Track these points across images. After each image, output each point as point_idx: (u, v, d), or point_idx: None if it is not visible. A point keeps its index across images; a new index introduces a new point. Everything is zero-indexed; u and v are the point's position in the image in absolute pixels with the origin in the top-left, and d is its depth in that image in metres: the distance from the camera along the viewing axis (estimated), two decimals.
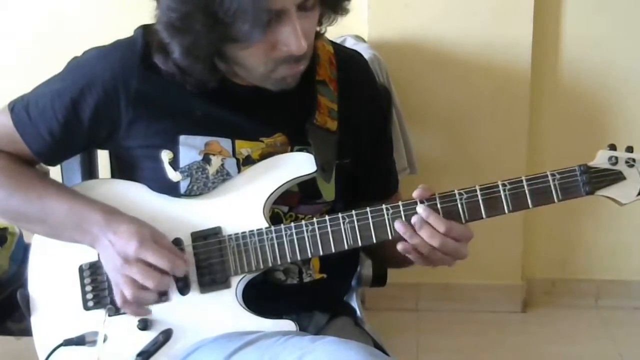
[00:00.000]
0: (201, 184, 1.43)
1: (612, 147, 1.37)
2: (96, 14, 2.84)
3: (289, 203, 1.47)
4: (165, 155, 1.43)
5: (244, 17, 1.23)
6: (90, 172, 1.70)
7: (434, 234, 1.33)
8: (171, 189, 1.43)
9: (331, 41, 1.55)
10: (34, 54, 2.86)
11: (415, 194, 1.35)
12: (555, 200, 1.35)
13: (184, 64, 1.33)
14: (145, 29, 1.42)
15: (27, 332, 1.53)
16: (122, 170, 1.52)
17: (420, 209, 1.34)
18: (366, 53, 2.48)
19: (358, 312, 1.67)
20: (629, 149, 1.36)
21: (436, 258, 1.37)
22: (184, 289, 1.40)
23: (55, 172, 1.60)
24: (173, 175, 1.43)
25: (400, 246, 1.35)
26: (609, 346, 2.84)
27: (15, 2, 2.90)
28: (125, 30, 1.47)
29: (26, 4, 2.88)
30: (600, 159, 1.36)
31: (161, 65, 1.37)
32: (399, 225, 1.34)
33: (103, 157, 1.68)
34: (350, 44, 2.66)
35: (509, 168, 2.77)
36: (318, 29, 1.43)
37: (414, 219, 1.33)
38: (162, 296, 1.39)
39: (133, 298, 1.35)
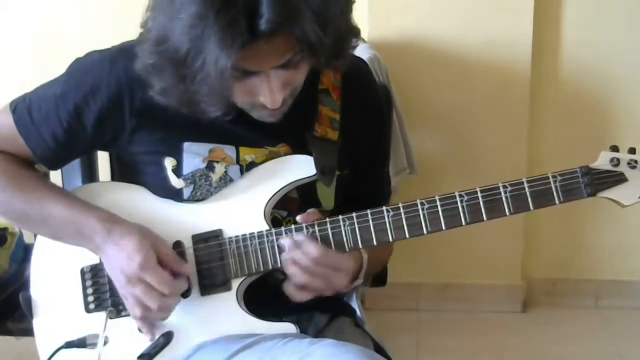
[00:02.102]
0: (204, 190, 1.42)
1: (614, 149, 1.36)
2: (96, 14, 2.84)
3: (288, 209, 1.47)
4: (169, 163, 1.43)
5: (208, 89, 1.23)
6: (90, 174, 1.70)
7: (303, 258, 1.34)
8: (174, 196, 1.43)
9: None
10: (34, 54, 2.86)
11: (299, 218, 1.37)
12: (557, 202, 1.35)
13: (161, 101, 1.32)
14: None
15: (27, 332, 1.53)
16: (124, 174, 1.52)
17: (298, 235, 1.36)
18: (366, 53, 2.48)
19: (358, 313, 1.66)
20: (632, 151, 1.36)
21: (315, 284, 1.36)
22: (185, 292, 1.39)
23: (55, 173, 1.60)
24: (176, 182, 1.43)
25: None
26: (609, 346, 2.84)
27: (15, 3, 2.89)
28: (126, 30, 1.46)
29: (26, 4, 2.88)
30: (602, 161, 1.35)
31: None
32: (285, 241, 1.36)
33: (103, 159, 1.68)
34: None
35: (509, 168, 2.78)
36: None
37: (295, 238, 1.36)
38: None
39: (142, 317, 1.36)
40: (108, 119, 1.41)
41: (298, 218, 1.37)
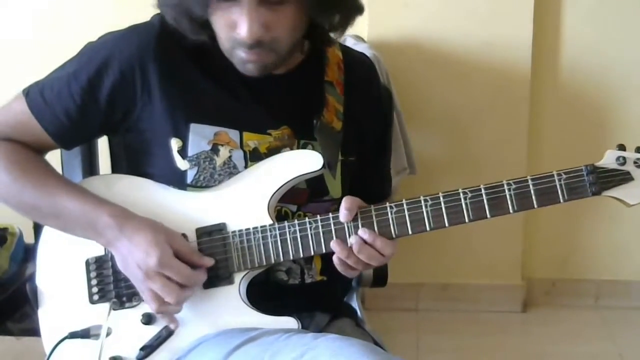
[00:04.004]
0: (207, 174, 1.43)
1: (621, 147, 1.36)
2: (97, 14, 2.84)
3: (298, 201, 1.47)
4: (175, 144, 1.43)
5: None
6: (90, 169, 1.70)
7: (373, 255, 1.36)
8: (178, 178, 1.44)
9: (340, 44, 1.56)
10: (34, 53, 2.85)
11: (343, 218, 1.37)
12: (561, 200, 1.34)
13: (174, 19, 1.38)
14: (163, 15, 1.43)
15: (27, 332, 1.54)
16: (131, 158, 1.52)
17: (362, 231, 1.36)
18: (366, 53, 2.48)
19: (359, 313, 1.67)
20: (639, 150, 1.35)
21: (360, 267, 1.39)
22: None
23: (55, 168, 1.59)
24: (181, 163, 1.43)
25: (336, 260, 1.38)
26: (609, 346, 2.84)
27: (16, 1, 2.89)
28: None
29: (26, 2, 2.88)
30: (608, 159, 1.35)
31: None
32: (334, 245, 1.36)
33: (103, 156, 1.68)
34: (350, 44, 2.66)
35: (509, 168, 2.77)
36: (336, 35, 1.46)
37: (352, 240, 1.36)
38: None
39: (159, 311, 1.37)
40: (121, 92, 1.42)
41: (342, 217, 1.37)
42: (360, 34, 2.75)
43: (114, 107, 1.43)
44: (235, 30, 1.33)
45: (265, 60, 1.37)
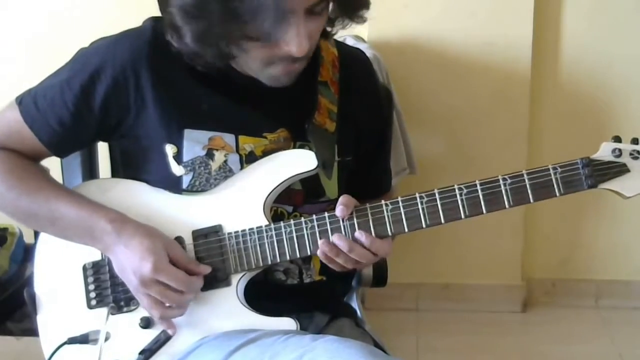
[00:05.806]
0: (203, 179, 1.43)
1: (617, 139, 1.35)
2: (97, 15, 2.84)
3: (294, 202, 1.47)
4: (170, 150, 1.43)
5: (265, 16, 1.22)
6: (90, 172, 1.70)
7: (364, 254, 1.35)
8: (174, 184, 1.43)
9: (336, 41, 1.55)
10: (34, 54, 2.86)
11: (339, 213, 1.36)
12: (557, 194, 1.33)
13: (195, 48, 1.31)
14: (155, 20, 1.42)
15: (27, 332, 1.53)
16: (127, 164, 1.52)
17: (358, 234, 1.35)
18: (366, 53, 2.48)
19: (359, 313, 1.67)
20: (635, 141, 1.34)
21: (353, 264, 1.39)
22: None
23: (55, 172, 1.60)
24: (176, 169, 1.43)
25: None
26: (609, 346, 2.84)
27: (15, 2, 2.89)
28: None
29: (26, 4, 2.88)
30: (604, 152, 1.34)
31: (174, 44, 1.35)
32: (322, 244, 1.35)
33: (103, 157, 1.68)
34: (350, 44, 2.65)
35: (509, 168, 2.72)
36: (330, 29, 1.43)
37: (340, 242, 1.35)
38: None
39: (161, 317, 1.37)
40: (114, 99, 1.42)
41: (338, 212, 1.37)
42: (360, 34, 2.75)
43: (108, 113, 1.43)
44: (278, 46, 1.29)
45: (300, 69, 1.37)
